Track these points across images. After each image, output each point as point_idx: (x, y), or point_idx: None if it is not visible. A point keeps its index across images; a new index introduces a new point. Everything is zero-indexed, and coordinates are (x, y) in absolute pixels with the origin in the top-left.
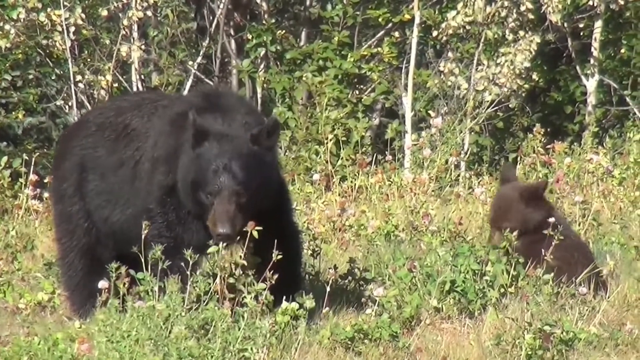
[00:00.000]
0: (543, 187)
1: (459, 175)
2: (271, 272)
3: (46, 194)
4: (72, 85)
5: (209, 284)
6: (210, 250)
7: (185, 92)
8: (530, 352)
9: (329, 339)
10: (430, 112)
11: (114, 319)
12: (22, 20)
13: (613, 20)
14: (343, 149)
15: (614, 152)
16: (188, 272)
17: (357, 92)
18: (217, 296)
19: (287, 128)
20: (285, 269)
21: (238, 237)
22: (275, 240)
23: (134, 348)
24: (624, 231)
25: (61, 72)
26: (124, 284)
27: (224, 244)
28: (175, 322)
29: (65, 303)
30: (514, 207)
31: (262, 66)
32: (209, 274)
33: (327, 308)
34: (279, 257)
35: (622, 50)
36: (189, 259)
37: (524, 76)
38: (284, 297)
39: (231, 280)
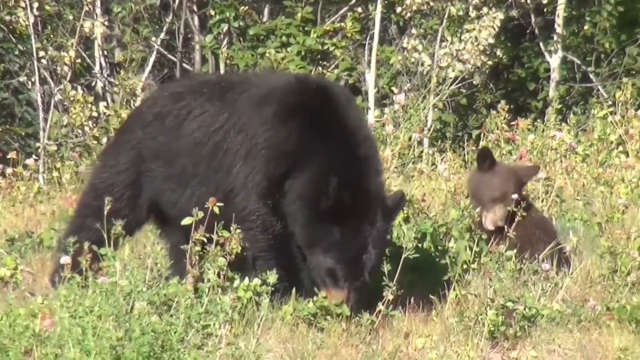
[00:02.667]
0: (536, 172)
1: (422, 152)
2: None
3: (9, 170)
4: (35, 61)
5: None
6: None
7: (148, 69)
8: (492, 328)
9: (291, 315)
10: (393, 88)
11: (76, 294)
12: None
13: None
14: None
15: (577, 128)
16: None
17: (320, 68)
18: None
19: None
20: None
21: None
22: None
23: (97, 324)
24: (587, 208)
25: (24, 48)
26: (87, 260)
27: None
28: (137, 297)
29: None
30: (516, 186)
31: (225, 42)
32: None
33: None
34: None
35: (586, 27)
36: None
37: (487, 53)
38: None
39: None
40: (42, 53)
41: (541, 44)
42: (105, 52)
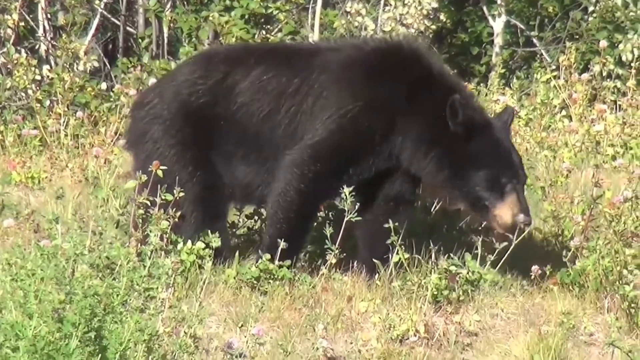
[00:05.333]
0: None
1: None
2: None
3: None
4: None
5: (117, 222)
6: None
7: (91, 32)
8: (436, 292)
9: (234, 278)
10: None
11: (18, 258)
12: None
13: None
14: None
15: (520, 93)
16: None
17: (264, 32)
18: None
19: None
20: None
21: None
22: None
23: (39, 287)
24: (530, 172)
25: None
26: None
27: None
28: (79, 261)
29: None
30: None
31: (168, 6)
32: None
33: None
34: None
35: None
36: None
37: (431, 17)
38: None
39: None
40: None
41: (484, 8)
42: (49, 16)
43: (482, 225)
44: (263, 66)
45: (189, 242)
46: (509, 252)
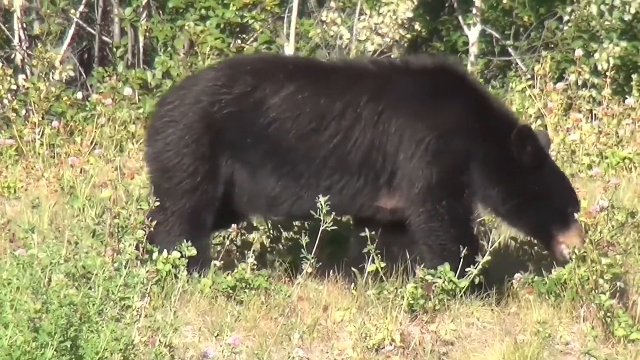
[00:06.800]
0: None
1: None
2: (149, 219)
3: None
4: None
5: (93, 232)
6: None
7: (67, 42)
8: (412, 301)
9: (210, 287)
10: None
11: None
12: None
13: None
14: None
15: None
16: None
17: (240, 41)
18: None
19: (169, 77)
20: None
21: None
22: None
23: (15, 296)
24: None
25: None
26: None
27: None
28: (55, 270)
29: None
30: None
31: (144, 15)
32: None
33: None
34: None
35: (505, 0)
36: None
37: (406, 26)
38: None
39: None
40: None
41: (460, 18)
42: (24, 25)
43: None
44: (296, 83)
45: (165, 251)
46: (483, 261)
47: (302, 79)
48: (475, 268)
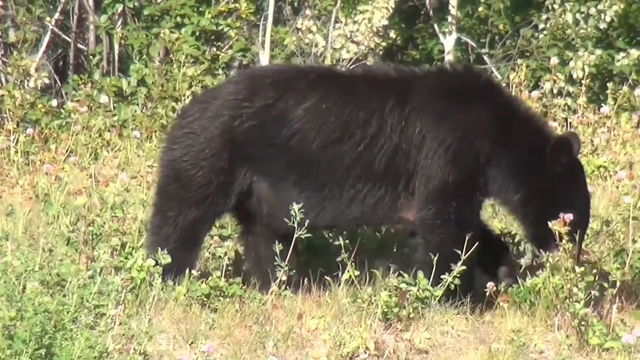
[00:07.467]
0: None
1: None
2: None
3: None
4: None
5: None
6: None
7: (42, 49)
8: (386, 310)
9: (185, 295)
10: None
11: None
12: None
13: None
14: None
15: None
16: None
17: (215, 49)
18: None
19: (144, 85)
20: None
21: None
22: None
23: None
24: None
25: None
26: None
27: None
28: (30, 277)
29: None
30: None
31: (119, 22)
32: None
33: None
34: None
35: (480, 9)
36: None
37: (381, 34)
38: None
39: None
40: None
41: (435, 26)
42: (0, 32)
43: None
44: (319, 94)
45: (139, 259)
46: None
47: (324, 88)
48: (450, 276)
